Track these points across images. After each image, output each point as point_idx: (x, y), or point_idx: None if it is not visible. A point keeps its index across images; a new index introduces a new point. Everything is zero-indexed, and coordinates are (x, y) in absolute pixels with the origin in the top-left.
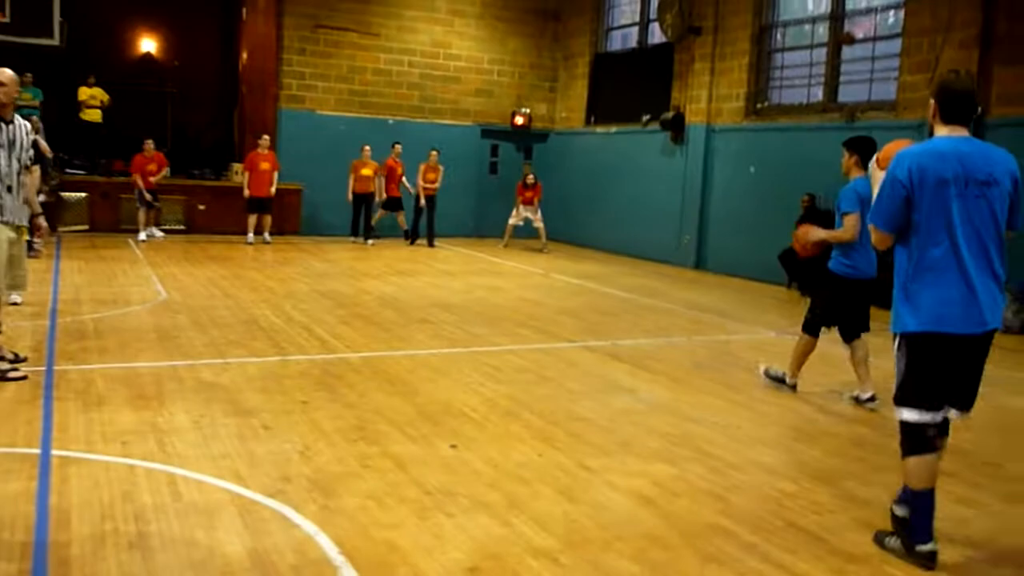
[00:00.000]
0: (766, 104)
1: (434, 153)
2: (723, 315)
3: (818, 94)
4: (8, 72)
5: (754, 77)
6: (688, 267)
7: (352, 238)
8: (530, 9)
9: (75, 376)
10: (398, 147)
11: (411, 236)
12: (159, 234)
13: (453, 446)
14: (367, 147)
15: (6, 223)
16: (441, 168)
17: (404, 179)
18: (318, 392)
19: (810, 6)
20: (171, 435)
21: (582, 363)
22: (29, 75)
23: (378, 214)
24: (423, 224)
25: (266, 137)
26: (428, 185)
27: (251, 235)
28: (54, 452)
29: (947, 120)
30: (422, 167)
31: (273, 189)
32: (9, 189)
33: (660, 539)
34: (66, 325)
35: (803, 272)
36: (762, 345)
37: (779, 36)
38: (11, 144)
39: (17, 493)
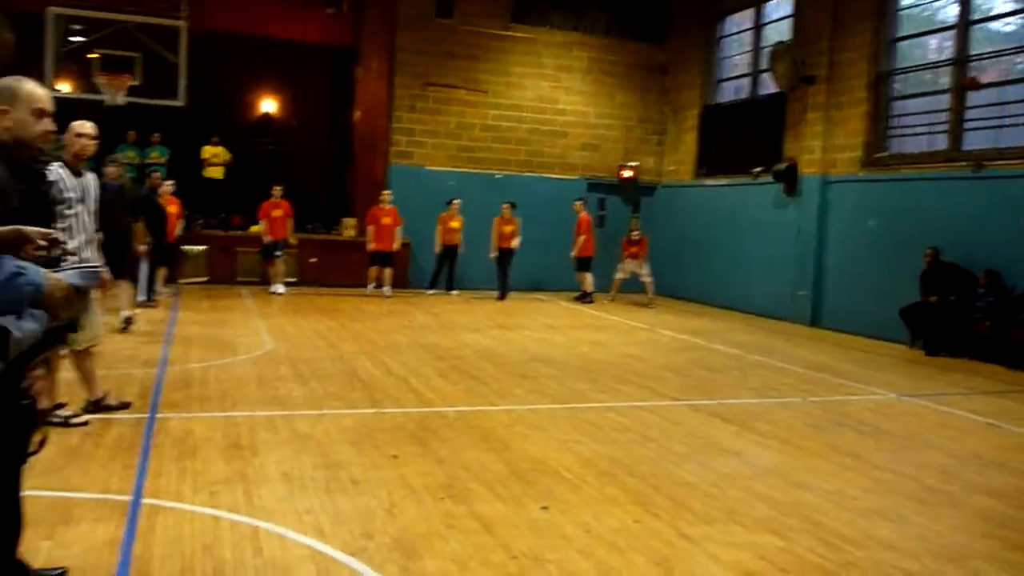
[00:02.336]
0: (885, 153)
1: (506, 207)
2: (840, 375)
3: (941, 142)
4: (90, 124)
5: (871, 126)
6: (803, 323)
7: (430, 290)
8: (638, 64)
9: (175, 424)
10: (578, 204)
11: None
12: (281, 289)
13: (544, 508)
14: (456, 200)
15: None
16: (517, 221)
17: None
18: (410, 446)
19: (931, 52)
20: (259, 486)
21: (686, 423)
22: (157, 134)
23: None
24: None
25: (386, 193)
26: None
27: (370, 286)
28: (144, 500)
29: None
30: (496, 220)
31: (396, 244)
32: (88, 243)
33: None
34: (174, 374)
35: (930, 330)
36: (882, 408)
37: (898, 83)
38: (84, 197)
39: (104, 541)
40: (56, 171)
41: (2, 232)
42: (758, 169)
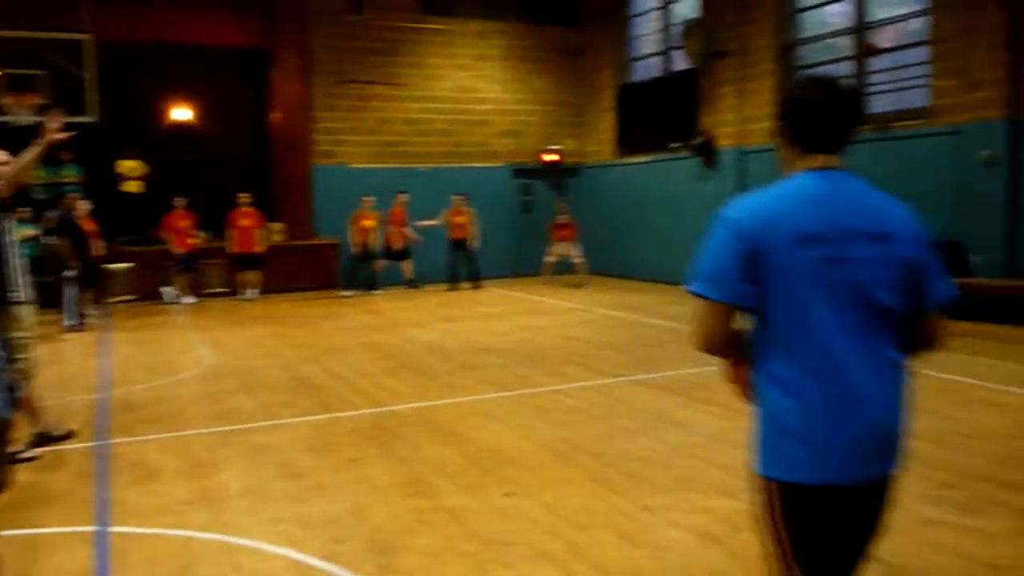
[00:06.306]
0: None
1: (458, 198)
2: None
3: None
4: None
5: (781, 96)
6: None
7: (348, 292)
8: (552, 48)
9: (129, 449)
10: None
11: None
12: (190, 299)
13: (508, 494)
14: (367, 198)
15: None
16: (470, 211)
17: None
18: (369, 448)
19: (833, 20)
20: (225, 502)
21: (633, 399)
22: (68, 152)
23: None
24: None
25: (244, 195)
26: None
27: (247, 291)
28: (112, 528)
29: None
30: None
31: (259, 247)
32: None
33: None
34: (118, 397)
35: None
36: None
37: (804, 53)
38: None
39: (79, 573)
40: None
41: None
42: (676, 144)
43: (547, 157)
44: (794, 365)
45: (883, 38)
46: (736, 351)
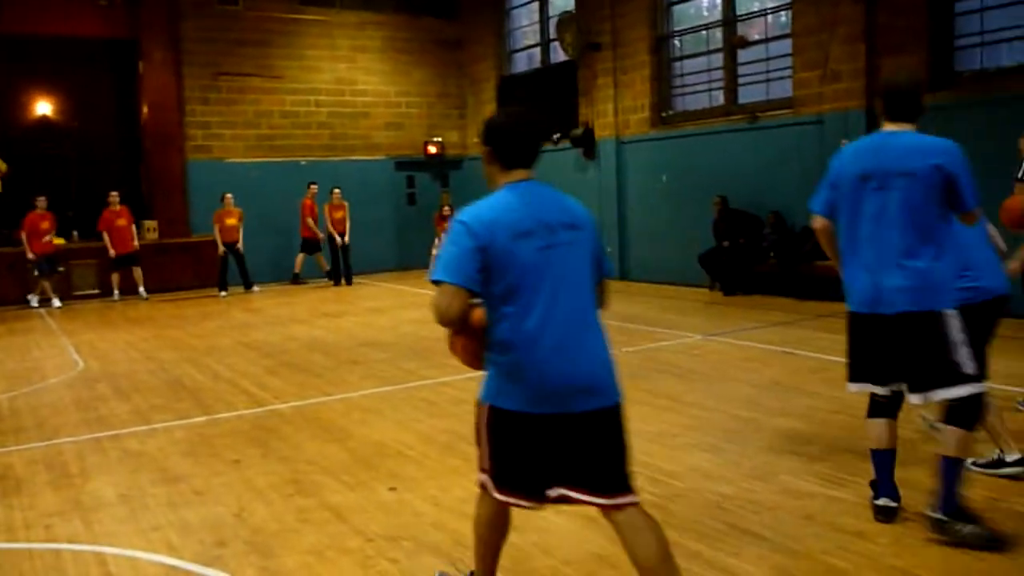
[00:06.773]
0: (671, 112)
1: (335, 191)
2: (650, 323)
3: (719, 98)
4: None
5: (656, 87)
6: (612, 278)
7: (222, 292)
8: (431, 40)
9: None
10: (313, 187)
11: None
12: (57, 303)
13: (392, 489)
14: (228, 195)
15: None
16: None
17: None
18: (250, 449)
19: (704, 12)
20: (97, 512)
21: None
22: None
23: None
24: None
25: (114, 194)
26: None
27: (116, 293)
28: None
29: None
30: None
31: (136, 243)
32: None
33: (607, 558)
34: None
35: (726, 273)
36: (691, 349)
37: (677, 44)
38: None
39: None
40: None
41: None
42: (557, 135)
43: (430, 149)
44: (517, 330)
45: (752, 31)
46: (464, 327)
